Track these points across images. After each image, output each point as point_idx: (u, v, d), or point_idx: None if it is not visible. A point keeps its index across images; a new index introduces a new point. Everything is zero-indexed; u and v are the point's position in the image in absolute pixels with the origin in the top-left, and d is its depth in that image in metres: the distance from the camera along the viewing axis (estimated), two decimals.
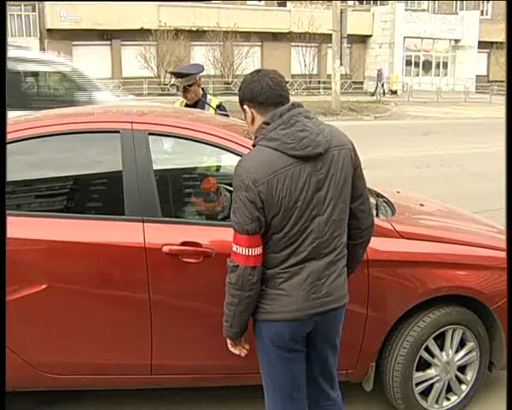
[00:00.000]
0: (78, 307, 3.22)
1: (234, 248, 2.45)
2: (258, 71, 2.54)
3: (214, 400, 3.78)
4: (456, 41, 43.16)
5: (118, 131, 3.26)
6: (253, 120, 2.52)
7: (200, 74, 5.26)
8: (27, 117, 3.94)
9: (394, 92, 36.36)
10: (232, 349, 2.69)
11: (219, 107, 5.23)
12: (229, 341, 2.66)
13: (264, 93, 2.45)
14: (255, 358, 2.67)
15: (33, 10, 34.82)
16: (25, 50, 9.72)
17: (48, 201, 3.46)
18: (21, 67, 8.99)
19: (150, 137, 3.27)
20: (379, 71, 37.21)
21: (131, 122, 3.30)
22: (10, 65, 8.50)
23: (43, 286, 3.13)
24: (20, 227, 3.17)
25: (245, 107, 2.53)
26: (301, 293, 2.47)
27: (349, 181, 2.52)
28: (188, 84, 5.06)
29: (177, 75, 5.16)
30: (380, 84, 36.69)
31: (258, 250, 2.43)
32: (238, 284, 2.44)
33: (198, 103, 5.15)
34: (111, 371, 3.36)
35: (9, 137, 3.25)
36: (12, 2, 33.64)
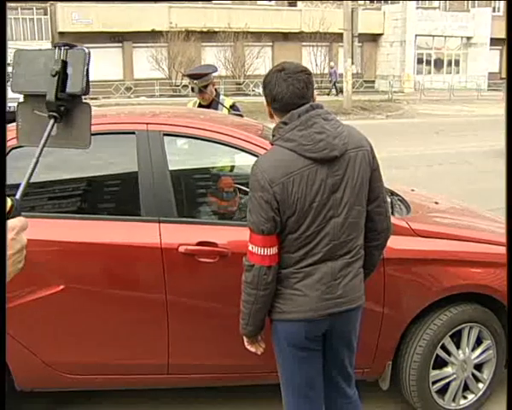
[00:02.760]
0: (95, 308, 3.24)
1: (249, 248, 2.46)
2: (282, 69, 2.44)
3: (231, 401, 3.79)
4: (468, 38, 42.89)
5: (133, 132, 3.28)
6: (271, 115, 2.54)
7: (214, 74, 5.28)
8: None
9: (340, 91, 35.73)
10: (248, 347, 2.70)
11: (233, 107, 5.24)
12: (245, 338, 2.68)
13: (284, 98, 2.42)
14: (273, 358, 2.68)
15: (45, 14, 34.94)
16: None
17: (64, 202, 3.49)
18: None
19: (165, 138, 3.29)
20: (331, 68, 36.56)
21: (147, 123, 3.32)
22: None
23: (60, 287, 3.16)
24: (37, 229, 3.19)
25: (265, 101, 2.53)
26: (316, 293, 2.47)
27: (366, 183, 2.51)
28: (203, 85, 5.07)
29: (193, 77, 5.17)
30: (332, 83, 36.27)
31: (274, 250, 2.43)
32: (253, 284, 2.45)
33: (212, 104, 5.16)
34: (128, 370, 3.38)
35: None
36: (24, 5, 33.86)
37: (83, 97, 1.54)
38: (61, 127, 1.52)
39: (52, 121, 1.48)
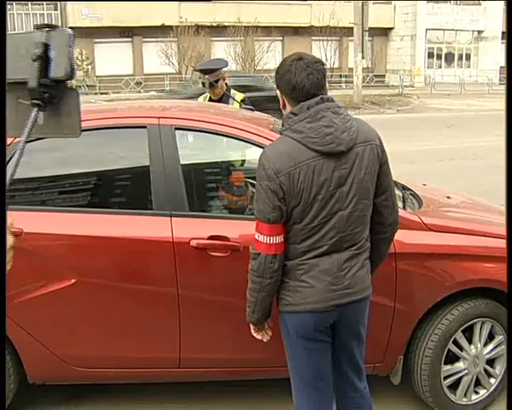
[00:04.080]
0: (107, 302, 3.26)
1: (256, 236, 2.48)
2: (298, 59, 2.45)
3: (242, 394, 3.80)
4: (479, 32, 42.64)
5: (145, 127, 3.29)
6: (284, 105, 2.54)
7: (224, 69, 5.26)
8: None
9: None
10: (255, 334, 2.72)
11: (244, 101, 5.22)
12: (251, 326, 2.70)
13: (297, 90, 2.43)
14: (283, 352, 2.69)
15: (55, 9, 35.06)
16: None
17: (76, 196, 3.49)
18: None
19: (177, 132, 3.29)
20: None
21: (158, 117, 3.32)
22: None
23: (72, 281, 3.17)
24: (49, 223, 3.22)
25: (278, 91, 2.54)
26: (322, 284, 2.48)
27: (373, 177, 2.51)
28: (215, 80, 5.06)
29: (204, 72, 5.16)
30: None
31: (280, 239, 2.44)
32: (259, 272, 2.47)
33: (223, 98, 5.15)
34: (139, 364, 3.39)
35: None
36: (34, 1, 34.02)
37: (68, 83, 1.44)
38: (48, 116, 1.44)
39: (35, 110, 1.40)
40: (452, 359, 3.53)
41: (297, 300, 2.51)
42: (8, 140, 3.11)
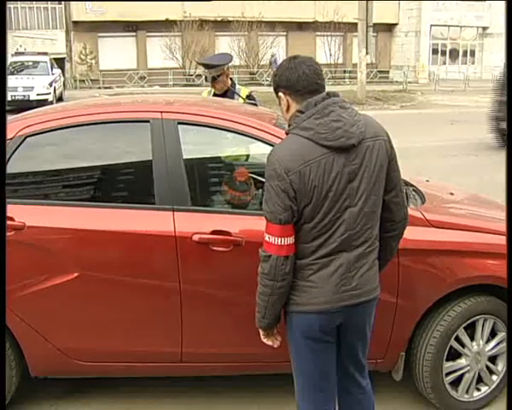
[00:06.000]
0: (109, 296, 3.26)
1: (266, 238, 2.43)
2: (294, 57, 2.49)
3: (243, 390, 3.80)
4: (484, 29, 42.48)
5: (148, 121, 3.29)
6: (288, 107, 2.51)
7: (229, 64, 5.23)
8: (56, 108, 3.98)
9: None
10: (265, 340, 2.68)
11: (249, 97, 5.20)
12: (261, 332, 2.66)
13: (301, 81, 2.42)
14: (286, 347, 2.68)
15: (59, 3, 35.04)
16: None
17: (79, 190, 3.49)
18: None
19: (180, 127, 3.28)
20: (272, 57, 33.72)
21: (161, 111, 3.32)
22: None
23: (75, 274, 3.18)
24: (52, 216, 3.22)
25: (280, 94, 2.51)
26: (331, 285, 2.45)
27: (383, 173, 2.49)
28: (217, 74, 5.04)
29: (206, 66, 5.15)
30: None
31: (291, 240, 2.41)
32: (271, 274, 2.42)
33: (227, 93, 5.13)
34: (141, 358, 3.40)
35: (38, 127, 3.30)
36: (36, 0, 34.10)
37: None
38: None
39: None
40: (454, 355, 3.53)
41: (304, 300, 2.49)
42: (8, 136, 3.13)
